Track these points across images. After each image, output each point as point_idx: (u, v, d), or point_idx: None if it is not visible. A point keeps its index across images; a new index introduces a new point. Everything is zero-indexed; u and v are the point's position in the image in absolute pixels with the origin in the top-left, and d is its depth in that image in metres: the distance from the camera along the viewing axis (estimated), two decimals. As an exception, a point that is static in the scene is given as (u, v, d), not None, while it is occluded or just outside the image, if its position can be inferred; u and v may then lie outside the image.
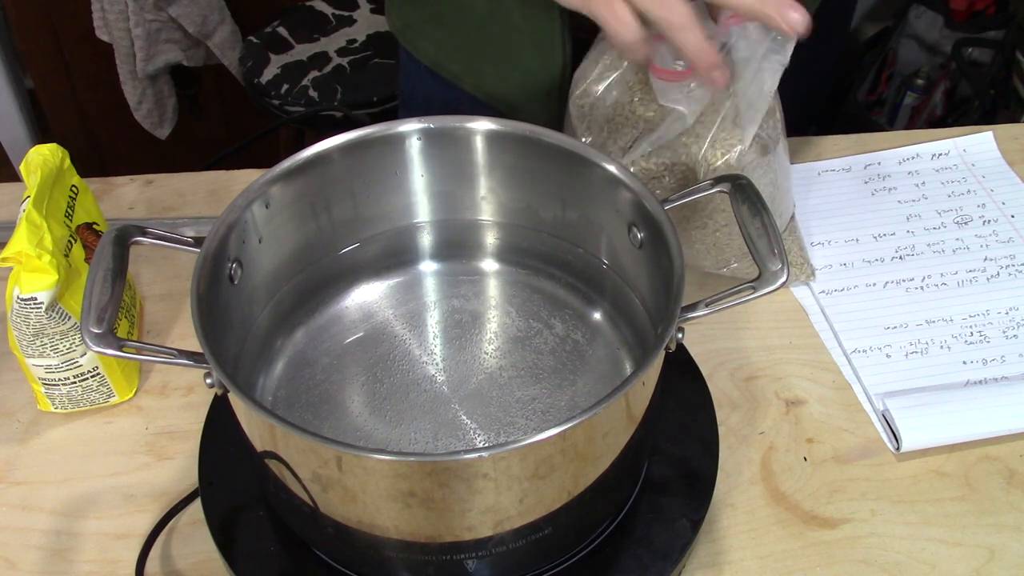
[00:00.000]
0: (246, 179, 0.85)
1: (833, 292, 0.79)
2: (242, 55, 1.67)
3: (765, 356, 0.75)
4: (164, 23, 1.67)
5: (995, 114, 1.62)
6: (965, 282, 0.80)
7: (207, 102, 1.92)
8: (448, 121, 0.63)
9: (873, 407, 0.71)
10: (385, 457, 0.47)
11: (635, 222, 0.60)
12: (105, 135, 1.96)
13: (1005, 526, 0.64)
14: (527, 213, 0.67)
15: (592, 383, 0.63)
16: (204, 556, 0.62)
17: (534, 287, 0.69)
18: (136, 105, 1.76)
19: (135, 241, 0.56)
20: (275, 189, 0.60)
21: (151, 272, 0.82)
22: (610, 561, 0.59)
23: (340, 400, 0.63)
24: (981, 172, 0.90)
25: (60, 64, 1.82)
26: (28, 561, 0.63)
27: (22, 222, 0.65)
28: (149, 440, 0.70)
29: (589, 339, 0.66)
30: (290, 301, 0.66)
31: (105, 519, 0.65)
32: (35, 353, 0.67)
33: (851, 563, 0.62)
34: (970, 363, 0.74)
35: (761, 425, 0.70)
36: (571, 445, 0.49)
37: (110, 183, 0.91)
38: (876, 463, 0.68)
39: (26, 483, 0.67)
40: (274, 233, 0.62)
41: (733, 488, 0.66)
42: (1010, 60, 1.60)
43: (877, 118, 1.79)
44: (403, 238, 0.70)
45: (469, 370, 0.64)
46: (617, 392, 0.48)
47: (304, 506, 0.53)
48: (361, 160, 0.63)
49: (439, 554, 0.53)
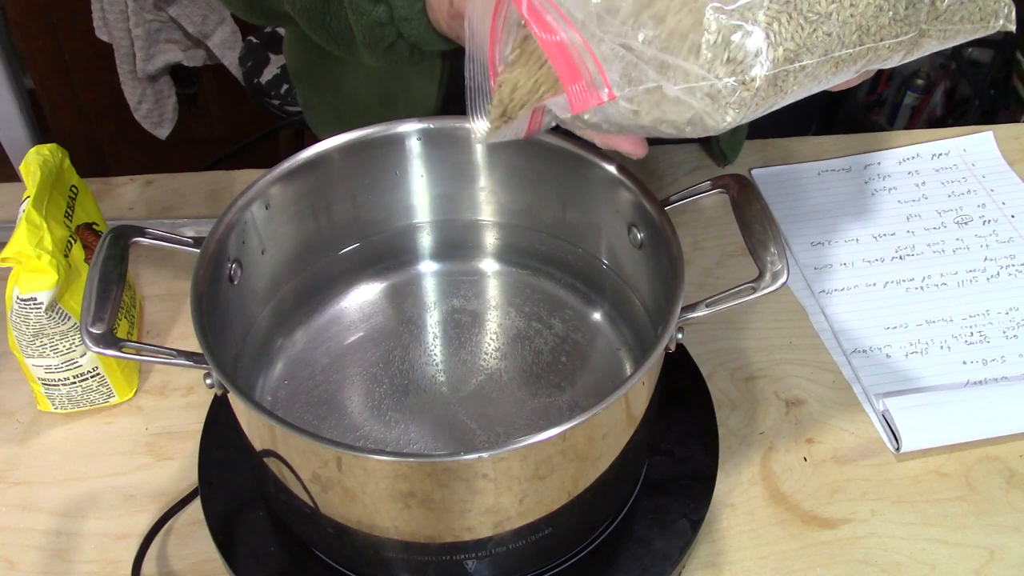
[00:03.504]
0: (246, 179, 0.85)
1: (833, 292, 0.79)
2: (242, 55, 1.67)
3: (765, 356, 0.75)
4: (164, 23, 1.67)
5: (995, 114, 1.62)
6: (965, 282, 0.80)
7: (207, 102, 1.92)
8: (448, 121, 0.63)
9: (873, 407, 0.71)
10: (385, 458, 0.47)
11: (635, 222, 0.60)
12: (105, 135, 1.95)
13: (1005, 526, 0.64)
14: (527, 213, 0.67)
15: (592, 383, 0.63)
16: (204, 556, 0.62)
17: (534, 287, 0.69)
18: (136, 105, 1.76)
19: (135, 241, 0.56)
20: (275, 189, 0.60)
21: (151, 272, 0.82)
22: (610, 561, 0.59)
23: (340, 400, 0.63)
24: (981, 172, 0.90)
25: (60, 64, 1.81)
26: (28, 561, 0.63)
27: (22, 222, 0.65)
28: (149, 440, 0.70)
29: (589, 339, 0.66)
30: (290, 301, 0.66)
31: (105, 519, 0.65)
32: (35, 353, 0.67)
33: (851, 563, 0.62)
34: (970, 363, 0.74)
35: (761, 425, 0.70)
36: (571, 445, 0.49)
37: (110, 183, 0.91)
38: (876, 463, 0.68)
39: (26, 483, 0.67)
40: (274, 233, 0.62)
41: (733, 488, 0.66)
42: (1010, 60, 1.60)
43: (877, 118, 1.79)
44: (403, 238, 0.70)
45: (469, 370, 0.64)
46: (617, 392, 0.48)
47: (304, 507, 0.53)
48: (361, 160, 0.63)
49: (439, 554, 0.53)
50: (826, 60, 0.45)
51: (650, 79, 0.45)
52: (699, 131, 0.47)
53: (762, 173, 0.91)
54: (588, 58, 0.45)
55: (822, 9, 0.44)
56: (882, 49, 0.47)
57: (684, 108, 0.45)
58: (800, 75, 0.45)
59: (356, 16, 0.60)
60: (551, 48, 0.45)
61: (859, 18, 0.45)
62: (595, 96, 0.45)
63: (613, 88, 0.45)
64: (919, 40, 0.48)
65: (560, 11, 0.45)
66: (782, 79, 0.45)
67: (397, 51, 0.62)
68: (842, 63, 0.46)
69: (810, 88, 0.47)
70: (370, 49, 0.62)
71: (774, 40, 0.44)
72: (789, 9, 0.43)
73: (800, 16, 0.44)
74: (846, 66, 0.46)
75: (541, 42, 0.45)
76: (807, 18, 0.44)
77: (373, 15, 0.59)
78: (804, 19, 0.44)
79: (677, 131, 0.47)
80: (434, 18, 0.58)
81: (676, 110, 0.45)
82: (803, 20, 0.44)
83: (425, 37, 0.60)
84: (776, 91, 0.45)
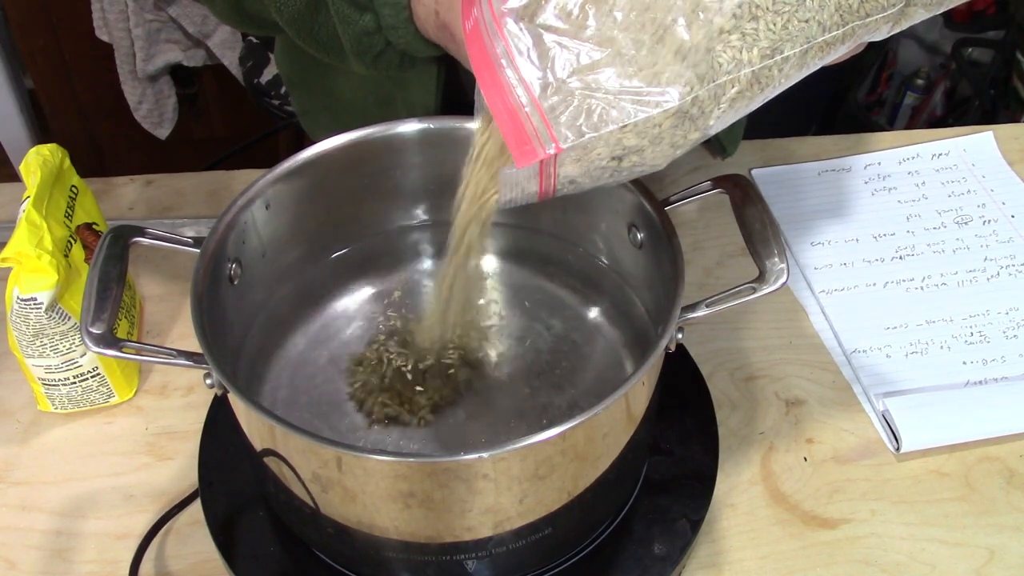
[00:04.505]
0: (246, 179, 0.85)
1: (833, 292, 0.79)
2: (242, 55, 1.67)
3: (765, 356, 0.75)
4: (164, 23, 1.67)
5: (995, 114, 1.62)
6: (965, 282, 0.80)
7: (207, 102, 1.91)
8: (448, 121, 0.63)
9: (873, 407, 0.71)
10: (385, 458, 0.47)
11: (635, 222, 0.60)
12: (105, 135, 1.95)
13: (1005, 526, 0.64)
14: (527, 213, 0.67)
15: (592, 383, 0.63)
16: (203, 557, 0.62)
17: (534, 287, 0.69)
18: (136, 105, 1.76)
19: (134, 241, 0.56)
20: (275, 189, 0.60)
21: (151, 272, 0.82)
22: (610, 561, 0.59)
23: (340, 400, 0.63)
24: (981, 172, 0.90)
25: (60, 64, 1.81)
26: (28, 561, 0.63)
27: (22, 222, 0.65)
28: (149, 440, 0.70)
29: (589, 339, 0.65)
30: (290, 301, 0.66)
31: (105, 519, 0.65)
32: (35, 353, 0.67)
33: (851, 563, 0.62)
34: (970, 363, 0.74)
35: (761, 425, 0.70)
36: (571, 445, 0.49)
37: (110, 183, 0.91)
38: (876, 463, 0.68)
39: (26, 483, 0.67)
40: (274, 234, 0.62)
41: (733, 488, 0.66)
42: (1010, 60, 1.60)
43: (877, 118, 1.79)
44: (403, 238, 0.70)
45: (469, 370, 0.64)
46: (617, 392, 0.48)
47: (304, 507, 0.53)
48: (361, 161, 0.63)
49: (439, 554, 0.53)
50: (810, 47, 0.44)
51: (621, 116, 0.43)
52: (687, 147, 0.46)
53: (762, 173, 0.91)
54: (535, 112, 0.43)
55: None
56: (869, 24, 0.45)
57: (661, 133, 0.44)
58: (785, 66, 0.44)
59: (343, 25, 0.60)
60: (495, 106, 0.44)
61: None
62: (541, 150, 0.43)
63: (561, 142, 0.43)
64: (906, 10, 0.46)
65: (516, 65, 0.43)
66: (765, 74, 0.44)
67: (386, 59, 0.62)
68: (828, 46, 0.45)
69: (800, 74, 0.45)
70: (359, 58, 0.61)
71: (748, 42, 0.42)
72: (754, 10, 0.42)
73: (768, 12, 0.42)
74: (832, 48, 0.45)
75: (488, 100, 0.44)
76: (777, 11, 0.42)
77: (360, 24, 0.59)
78: (774, 13, 0.42)
79: (663, 160, 0.46)
80: (421, 27, 0.58)
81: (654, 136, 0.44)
82: (772, 15, 0.42)
83: (414, 45, 0.59)
84: (760, 87, 0.44)
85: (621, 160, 0.45)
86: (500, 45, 0.44)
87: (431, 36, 0.58)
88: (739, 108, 0.45)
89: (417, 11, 0.57)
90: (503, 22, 0.44)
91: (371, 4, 0.58)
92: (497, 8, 0.44)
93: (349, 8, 0.59)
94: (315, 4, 0.61)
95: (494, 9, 0.44)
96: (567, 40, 0.43)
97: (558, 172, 0.46)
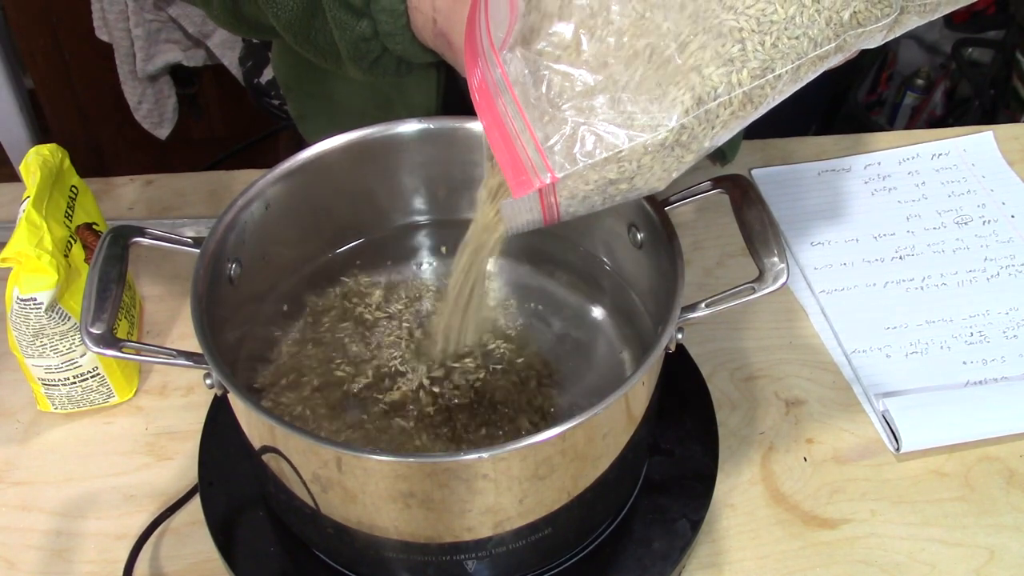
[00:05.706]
0: (246, 179, 0.85)
1: (833, 292, 0.79)
2: (242, 55, 1.67)
3: (765, 356, 0.75)
4: (164, 23, 1.67)
5: (995, 114, 1.62)
6: (965, 282, 0.80)
7: (207, 102, 1.91)
8: (448, 121, 0.63)
9: (873, 407, 0.71)
10: (385, 458, 0.47)
11: (635, 222, 0.60)
12: (105, 135, 1.95)
13: (1005, 526, 0.64)
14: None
15: (592, 383, 0.63)
16: (203, 557, 0.62)
17: (534, 286, 0.69)
18: (136, 105, 1.76)
19: (134, 241, 0.56)
20: (275, 189, 0.60)
21: (151, 272, 0.82)
22: (610, 561, 0.59)
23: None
24: (981, 172, 0.90)
25: (60, 64, 1.81)
26: (28, 561, 0.63)
27: (22, 222, 0.65)
28: (149, 440, 0.70)
29: (589, 339, 0.65)
30: (289, 301, 0.66)
31: (105, 519, 0.65)
32: (35, 353, 0.67)
33: (851, 563, 0.62)
34: (970, 363, 0.74)
35: (761, 425, 0.70)
36: (571, 445, 0.49)
37: (110, 183, 0.91)
38: (876, 463, 0.68)
39: (26, 483, 0.67)
40: (274, 233, 0.62)
41: (733, 488, 0.66)
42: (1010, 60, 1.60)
43: (877, 118, 1.78)
44: (403, 238, 0.70)
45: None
46: (617, 392, 0.48)
47: (304, 507, 0.53)
48: (361, 160, 0.63)
49: (439, 554, 0.53)
50: (802, 63, 0.43)
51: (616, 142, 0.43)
52: (683, 168, 0.46)
53: (762, 173, 0.91)
54: (530, 141, 0.43)
55: (779, 17, 0.41)
56: (862, 34, 0.44)
57: (656, 157, 0.44)
58: (778, 83, 0.43)
59: (340, 31, 0.60)
60: (492, 135, 0.43)
61: (827, 12, 0.42)
62: (537, 179, 0.43)
63: (556, 171, 0.43)
64: (900, 18, 0.46)
65: (513, 92, 0.43)
66: (757, 93, 0.43)
67: (383, 65, 0.62)
68: (820, 60, 0.44)
69: (795, 87, 0.45)
70: (356, 63, 0.61)
71: (736, 65, 0.42)
72: (740, 33, 0.41)
73: (755, 35, 0.42)
74: (825, 61, 0.44)
75: (486, 131, 0.44)
76: (765, 30, 0.42)
77: (357, 30, 0.59)
78: (762, 34, 0.42)
79: (661, 184, 0.46)
80: (419, 34, 0.58)
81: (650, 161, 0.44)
82: (761, 35, 0.42)
83: (411, 51, 0.59)
84: (754, 106, 0.44)
85: (620, 184, 0.45)
86: (496, 72, 0.44)
87: (428, 43, 0.58)
88: (733, 127, 0.45)
89: (414, 18, 0.57)
90: (499, 49, 0.44)
91: (368, 10, 0.58)
92: (495, 35, 0.44)
93: (346, 14, 0.58)
94: (312, 9, 0.61)
95: (492, 36, 0.44)
96: (562, 66, 0.43)
97: (559, 199, 0.46)
